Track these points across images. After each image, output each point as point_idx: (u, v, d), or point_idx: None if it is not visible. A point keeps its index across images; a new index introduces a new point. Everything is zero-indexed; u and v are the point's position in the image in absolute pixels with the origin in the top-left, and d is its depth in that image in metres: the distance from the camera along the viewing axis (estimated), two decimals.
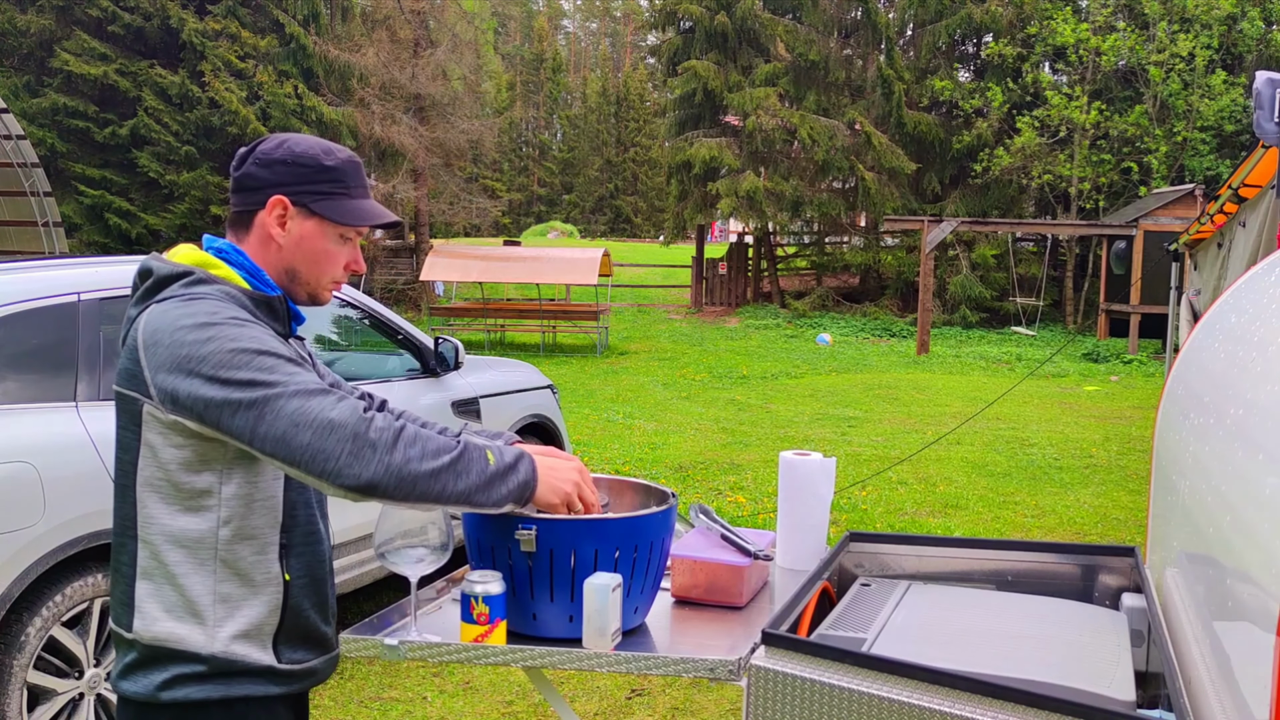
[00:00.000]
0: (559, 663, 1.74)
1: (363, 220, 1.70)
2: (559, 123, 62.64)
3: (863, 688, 1.54)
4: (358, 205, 1.71)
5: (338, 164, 1.70)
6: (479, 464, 1.56)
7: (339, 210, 1.69)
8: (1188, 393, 2.19)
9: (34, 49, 21.84)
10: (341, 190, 1.70)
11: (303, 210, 1.68)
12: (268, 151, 1.68)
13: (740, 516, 6.81)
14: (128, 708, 1.65)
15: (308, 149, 1.69)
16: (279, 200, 1.66)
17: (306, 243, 1.69)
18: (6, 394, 3.24)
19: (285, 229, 1.68)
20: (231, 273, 1.66)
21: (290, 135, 1.74)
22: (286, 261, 1.70)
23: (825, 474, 2.23)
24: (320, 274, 1.72)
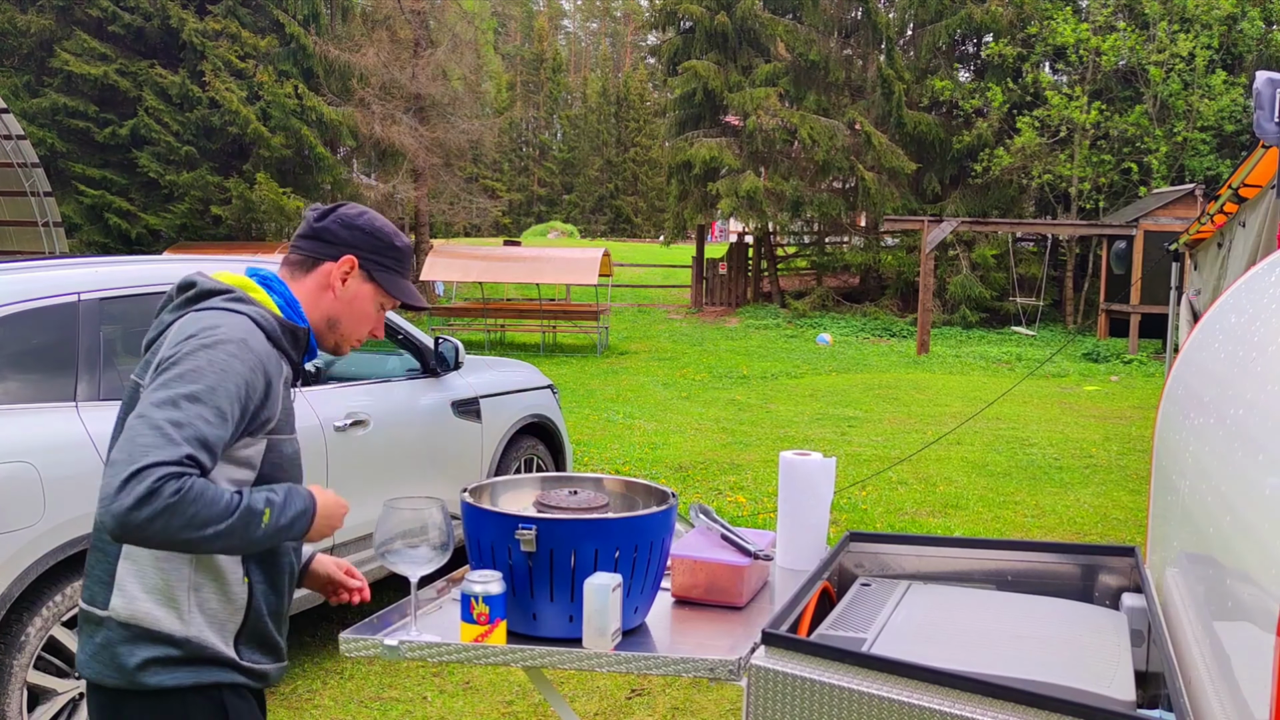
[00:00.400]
0: (559, 663, 1.74)
1: (406, 299, 1.98)
2: (559, 123, 62.64)
3: (863, 688, 1.54)
4: (406, 285, 1.99)
5: (403, 246, 1.98)
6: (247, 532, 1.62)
7: (393, 285, 1.95)
8: (1188, 393, 2.18)
9: (34, 49, 21.84)
10: (399, 269, 1.97)
11: (365, 274, 1.92)
12: (352, 217, 1.93)
13: (740, 516, 6.81)
14: (101, 695, 1.70)
15: (384, 226, 1.96)
16: (351, 259, 1.90)
17: (358, 302, 1.93)
18: (6, 394, 3.24)
19: (345, 285, 1.91)
20: (268, 299, 1.85)
21: (370, 210, 1.98)
22: (334, 312, 1.92)
23: (825, 474, 2.23)
24: (355, 330, 1.96)
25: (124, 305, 3.64)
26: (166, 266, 3.93)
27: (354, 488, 4.30)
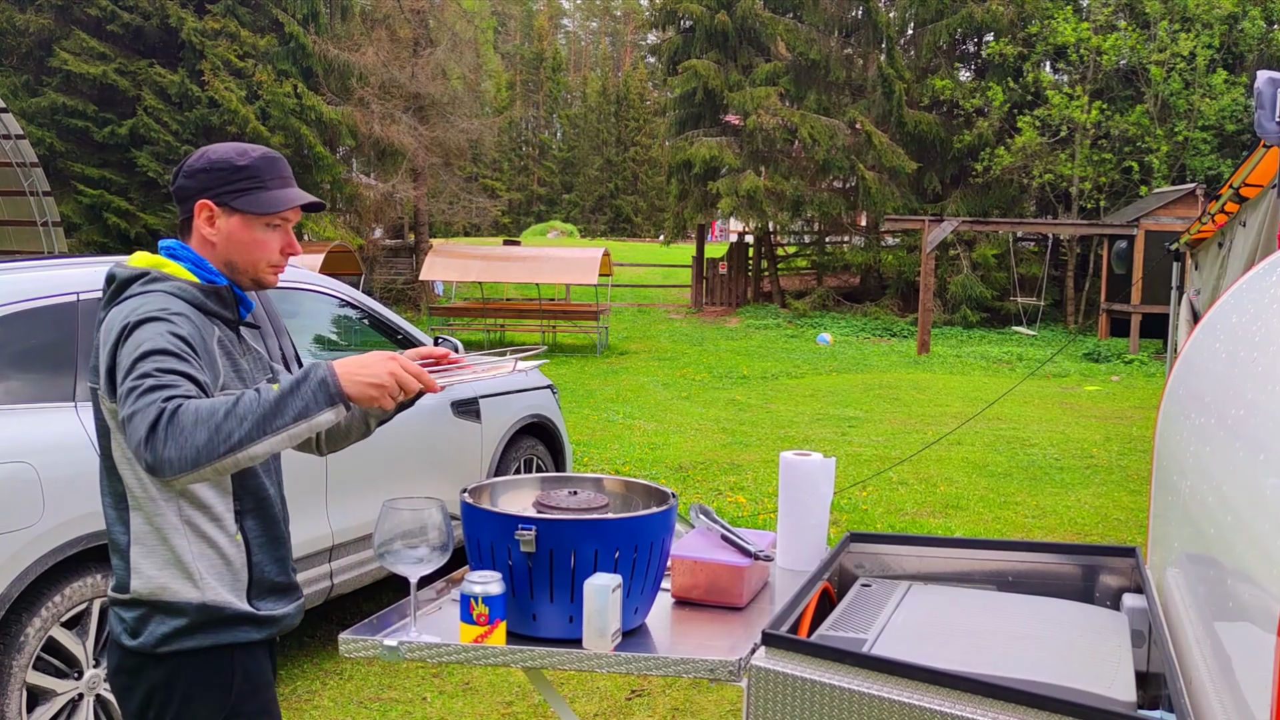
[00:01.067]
0: (559, 663, 1.74)
1: (274, 208, 1.89)
2: (559, 122, 62.63)
3: (863, 688, 1.54)
4: (272, 195, 1.90)
5: (249, 163, 1.89)
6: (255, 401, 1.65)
7: (254, 203, 1.88)
8: (1188, 393, 2.18)
9: (33, 48, 21.83)
10: (256, 185, 1.89)
11: (225, 209, 1.89)
12: (191, 164, 1.91)
13: (740, 517, 6.81)
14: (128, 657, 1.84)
15: (222, 154, 1.90)
16: (204, 204, 1.88)
17: (235, 236, 1.89)
18: (6, 394, 3.24)
19: (215, 228, 1.89)
20: (181, 269, 1.88)
21: (211, 145, 1.94)
22: (223, 256, 1.91)
23: (825, 474, 2.23)
24: (255, 261, 1.92)
25: None
26: None
27: (353, 488, 4.30)
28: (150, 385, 1.65)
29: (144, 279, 1.85)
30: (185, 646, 1.81)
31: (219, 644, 1.83)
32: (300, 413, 1.66)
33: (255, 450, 1.64)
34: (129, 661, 1.84)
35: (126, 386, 1.67)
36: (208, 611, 1.81)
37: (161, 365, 1.68)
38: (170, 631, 1.81)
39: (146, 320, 1.75)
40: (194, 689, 1.82)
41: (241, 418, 1.62)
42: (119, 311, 1.81)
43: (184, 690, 1.81)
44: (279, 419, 1.65)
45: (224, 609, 1.83)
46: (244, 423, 1.62)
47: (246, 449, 1.63)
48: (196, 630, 1.82)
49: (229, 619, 1.84)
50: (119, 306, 1.82)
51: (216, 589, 1.82)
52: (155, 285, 1.84)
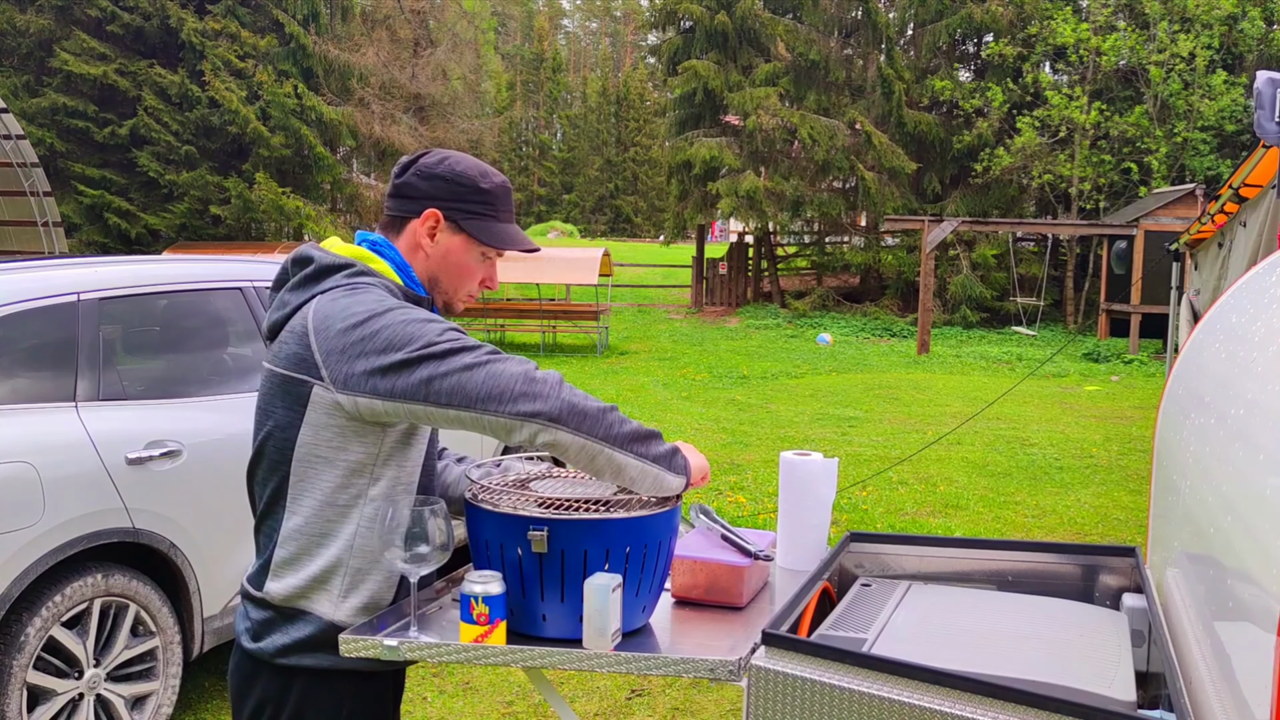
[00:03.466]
0: (559, 663, 1.74)
1: (505, 244, 1.81)
2: (559, 123, 62.63)
3: (863, 688, 1.54)
4: (503, 229, 1.83)
5: (491, 187, 1.81)
6: (632, 421, 1.66)
7: (486, 231, 1.80)
8: (1188, 393, 2.18)
9: (33, 49, 21.83)
10: (490, 213, 1.81)
11: (453, 225, 1.80)
12: (430, 165, 1.80)
13: (740, 516, 6.81)
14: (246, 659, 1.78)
15: (466, 169, 1.81)
16: (433, 213, 1.78)
17: (452, 256, 1.81)
18: (6, 394, 3.24)
19: (434, 240, 1.80)
20: (387, 267, 1.78)
21: (453, 153, 1.84)
22: (431, 269, 1.82)
23: (826, 474, 2.23)
24: (458, 286, 1.84)
25: (124, 305, 3.64)
26: (166, 266, 3.93)
27: None
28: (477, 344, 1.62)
29: (350, 269, 1.74)
30: (304, 663, 1.74)
31: (338, 667, 1.75)
32: (659, 458, 1.68)
33: (616, 456, 1.63)
34: (246, 665, 1.78)
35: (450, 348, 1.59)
36: (336, 631, 1.74)
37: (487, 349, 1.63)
38: (291, 643, 1.74)
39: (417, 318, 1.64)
40: (304, 707, 1.74)
41: (622, 420, 1.62)
42: (332, 301, 1.68)
43: (295, 706, 1.74)
44: (645, 448, 1.65)
45: None
46: (623, 425, 1.62)
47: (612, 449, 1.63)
48: (319, 647, 1.74)
49: None
50: (328, 295, 1.70)
51: (353, 609, 1.75)
52: (366, 280, 1.72)
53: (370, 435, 1.71)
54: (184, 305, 3.89)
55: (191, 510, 3.59)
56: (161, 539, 3.48)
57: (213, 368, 3.90)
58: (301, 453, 1.72)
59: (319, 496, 1.73)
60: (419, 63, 24.67)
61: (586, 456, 1.64)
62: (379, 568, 1.77)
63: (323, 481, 1.72)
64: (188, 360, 3.83)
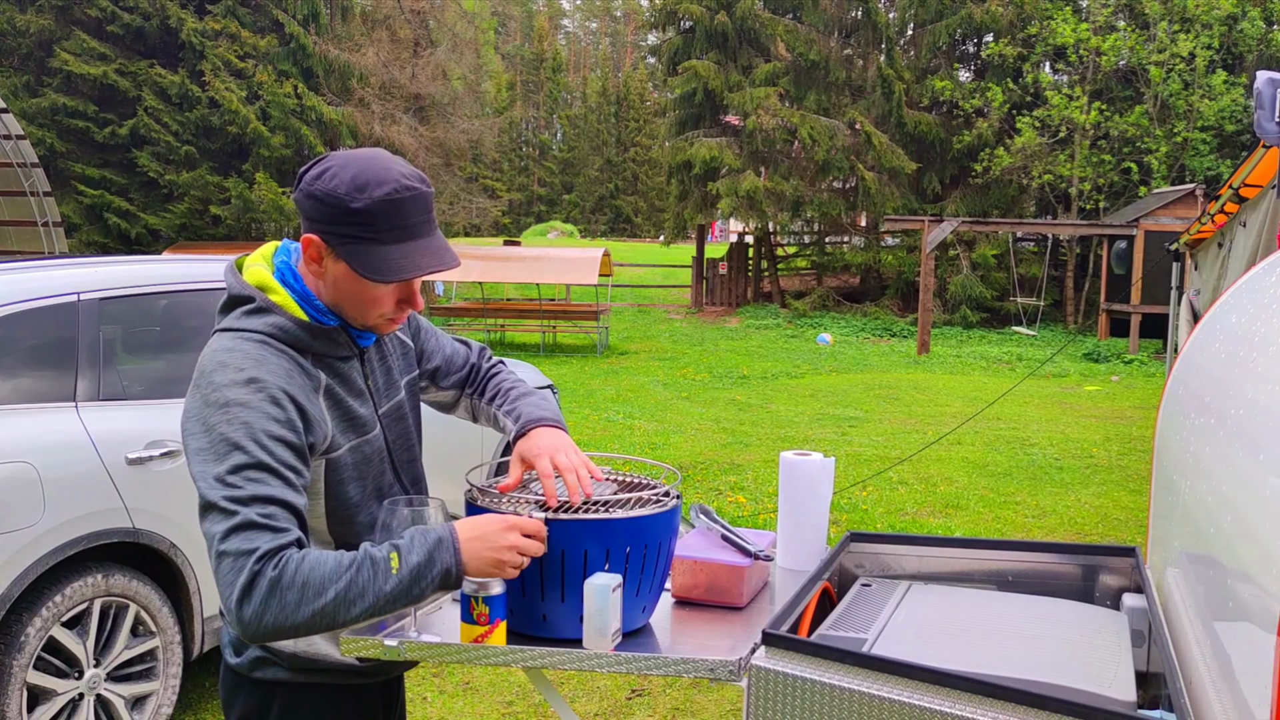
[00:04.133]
0: (559, 663, 1.74)
1: (382, 274, 1.55)
2: (559, 123, 62.64)
3: (863, 688, 1.54)
4: (383, 255, 1.55)
5: (365, 206, 1.53)
6: (375, 584, 1.50)
7: (362, 260, 1.56)
8: (1188, 393, 2.18)
9: (33, 49, 21.85)
10: (368, 235, 1.55)
11: (333, 253, 1.58)
12: (309, 182, 1.58)
13: (740, 516, 6.81)
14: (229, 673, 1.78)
15: (337, 187, 1.54)
16: (310, 239, 1.59)
17: (342, 284, 1.61)
18: (6, 394, 3.24)
19: (322, 267, 1.61)
20: (289, 299, 1.63)
21: (338, 161, 1.58)
22: (332, 298, 1.64)
23: (825, 474, 2.23)
24: (365, 313, 1.64)
25: (124, 305, 3.64)
26: (166, 266, 3.93)
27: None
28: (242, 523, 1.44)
29: (248, 308, 1.62)
30: (280, 677, 1.73)
31: (315, 681, 1.75)
32: (413, 599, 1.54)
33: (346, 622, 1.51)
34: (229, 678, 1.77)
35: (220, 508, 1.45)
36: (299, 661, 1.73)
37: (254, 492, 1.46)
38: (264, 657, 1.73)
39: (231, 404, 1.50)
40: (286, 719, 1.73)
41: (351, 601, 1.48)
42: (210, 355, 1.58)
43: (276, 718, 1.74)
44: (391, 605, 1.53)
45: (319, 660, 1.74)
46: (352, 606, 1.48)
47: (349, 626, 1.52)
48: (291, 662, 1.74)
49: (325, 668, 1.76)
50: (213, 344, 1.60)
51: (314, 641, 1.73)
52: (255, 323, 1.60)
53: None
54: (184, 305, 3.89)
55: (192, 510, 3.59)
56: (161, 539, 3.48)
57: None
58: None
59: None
60: (419, 63, 24.67)
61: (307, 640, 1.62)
62: None
63: None
64: (188, 360, 3.84)
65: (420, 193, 1.58)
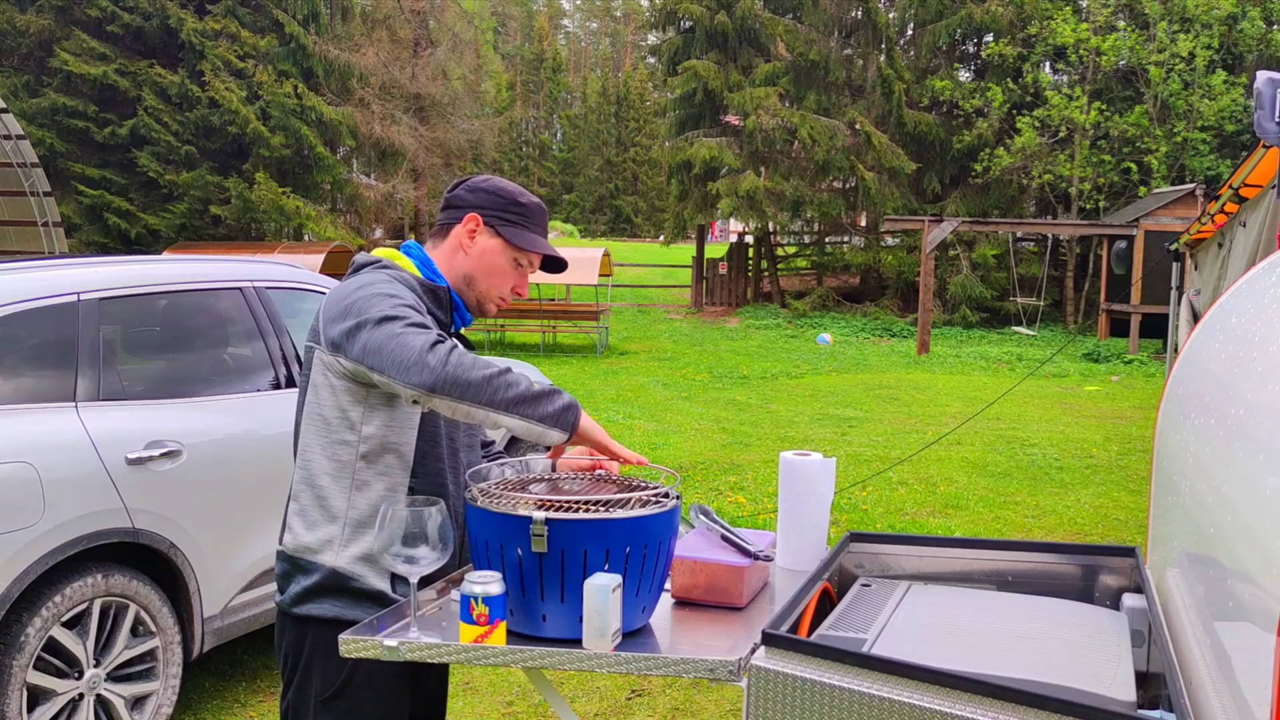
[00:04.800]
0: (559, 663, 1.74)
1: (535, 248, 2.06)
2: (559, 123, 62.63)
3: (863, 688, 1.54)
4: (534, 238, 2.08)
5: (528, 203, 2.08)
6: (524, 383, 1.81)
7: (518, 237, 2.06)
8: (1188, 393, 2.18)
9: (33, 49, 21.84)
10: (524, 222, 2.07)
11: (490, 230, 2.06)
12: (477, 182, 2.09)
13: (740, 517, 6.81)
14: (278, 613, 2.01)
15: (507, 187, 2.09)
16: (473, 217, 2.05)
17: (487, 256, 2.06)
18: (6, 394, 3.24)
19: (474, 240, 2.05)
20: (409, 263, 2.04)
21: (497, 177, 2.11)
22: (468, 268, 2.06)
23: (825, 474, 2.23)
24: (491, 286, 2.08)
25: (124, 305, 3.64)
26: (166, 266, 3.93)
27: None
28: (416, 321, 1.81)
29: (375, 264, 2.01)
30: (314, 612, 1.91)
31: (344, 617, 1.90)
32: (545, 417, 1.81)
33: (500, 419, 1.79)
34: (279, 619, 1.99)
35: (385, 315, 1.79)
36: (337, 578, 1.90)
37: (414, 320, 1.82)
38: (302, 591, 1.92)
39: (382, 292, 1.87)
40: (316, 656, 1.92)
41: (509, 385, 1.78)
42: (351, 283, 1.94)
43: (309, 655, 1.92)
44: (532, 409, 1.80)
45: (354, 579, 1.91)
46: (509, 389, 1.78)
47: (497, 413, 1.78)
48: (325, 595, 1.91)
49: (359, 593, 1.91)
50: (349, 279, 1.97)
51: (353, 560, 1.91)
52: (384, 270, 1.98)
53: (357, 393, 1.92)
54: (184, 305, 3.89)
55: (191, 510, 3.59)
56: (161, 539, 3.48)
57: (213, 368, 3.90)
58: (306, 412, 1.97)
59: (316, 452, 1.95)
60: (419, 63, 24.67)
61: (470, 419, 1.81)
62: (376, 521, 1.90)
63: (319, 438, 1.95)
64: (188, 360, 3.84)
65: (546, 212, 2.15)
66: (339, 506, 1.94)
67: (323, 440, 1.94)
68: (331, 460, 1.94)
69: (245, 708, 3.96)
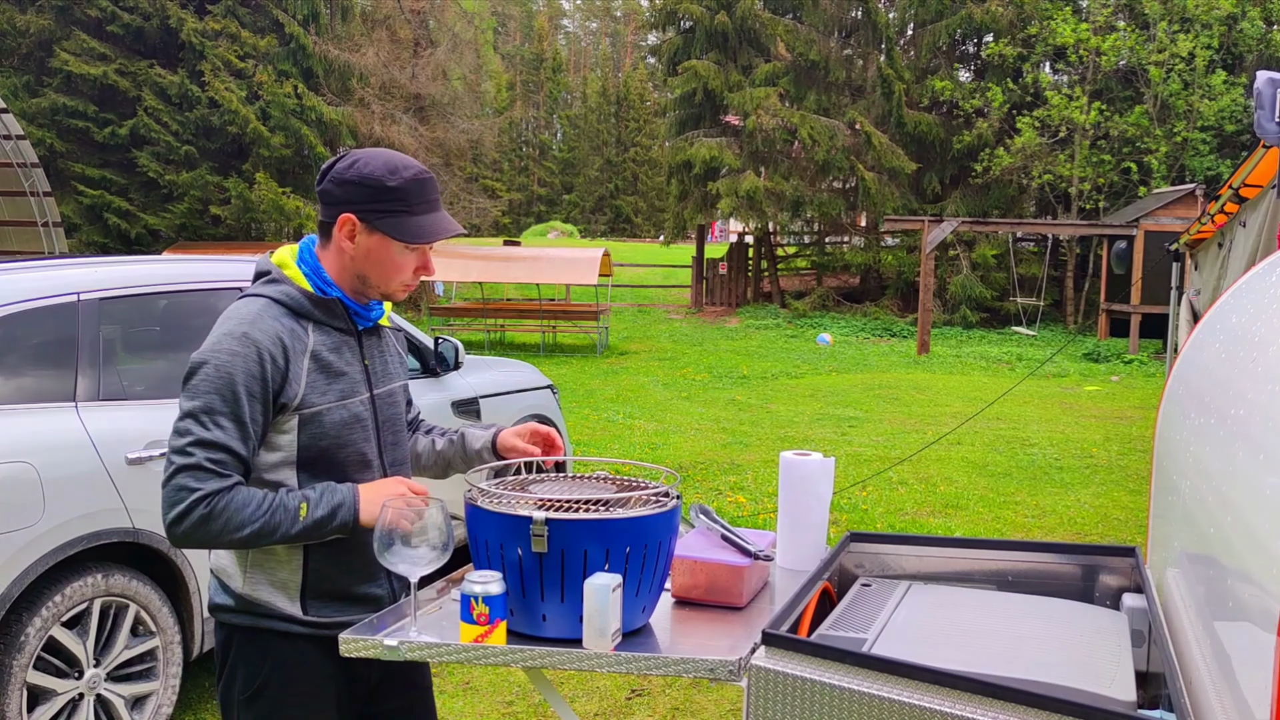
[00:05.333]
0: (559, 663, 1.74)
1: (418, 238, 1.91)
2: (559, 123, 62.63)
3: (863, 688, 1.54)
4: (416, 223, 1.91)
5: (400, 184, 1.89)
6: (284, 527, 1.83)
7: (398, 228, 1.90)
8: (1188, 393, 2.18)
9: (34, 49, 21.83)
10: (403, 209, 1.90)
11: (367, 227, 1.90)
12: (340, 171, 1.91)
13: (740, 516, 6.81)
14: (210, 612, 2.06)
15: (373, 171, 1.89)
16: (347, 218, 1.90)
17: (374, 255, 1.92)
18: (6, 394, 3.24)
19: (354, 242, 1.92)
20: (299, 274, 1.95)
21: (363, 154, 1.93)
22: (358, 269, 1.94)
23: (825, 474, 2.23)
24: (388, 280, 1.95)
25: (124, 305, 3.64)
26: (166, 266, 3.93)
27: None
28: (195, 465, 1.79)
29: (265, 277, 1.96)
30: (231, 620, 1.97)
31: (257, 627, 1.94)
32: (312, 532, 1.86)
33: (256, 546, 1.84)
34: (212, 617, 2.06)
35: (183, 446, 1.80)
36: (246, 603, 1.94)
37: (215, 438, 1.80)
38: (222, 604, 1.98)
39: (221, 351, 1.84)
40: (237, 659, 1.97)
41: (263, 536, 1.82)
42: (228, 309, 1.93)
43: (231, 656, 1.98)
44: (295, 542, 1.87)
45: (261, 605, 1.94)
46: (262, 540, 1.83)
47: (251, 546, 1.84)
48: (241, 611, 1.95)
49: (267, 613, 1.94)
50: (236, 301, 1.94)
51: (259, 586, 1.93)
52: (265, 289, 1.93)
53: None
54: (184, 305, 3.89)
55: None
56: (161, 539, 3.48)
57: None
58: None
59: None
60: (419, 63, 24.66)
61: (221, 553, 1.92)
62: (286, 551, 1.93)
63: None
64: (188, 360, 3.83)
65: (433, 176, 1.98)
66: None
67: None
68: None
69: None
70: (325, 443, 1.92)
